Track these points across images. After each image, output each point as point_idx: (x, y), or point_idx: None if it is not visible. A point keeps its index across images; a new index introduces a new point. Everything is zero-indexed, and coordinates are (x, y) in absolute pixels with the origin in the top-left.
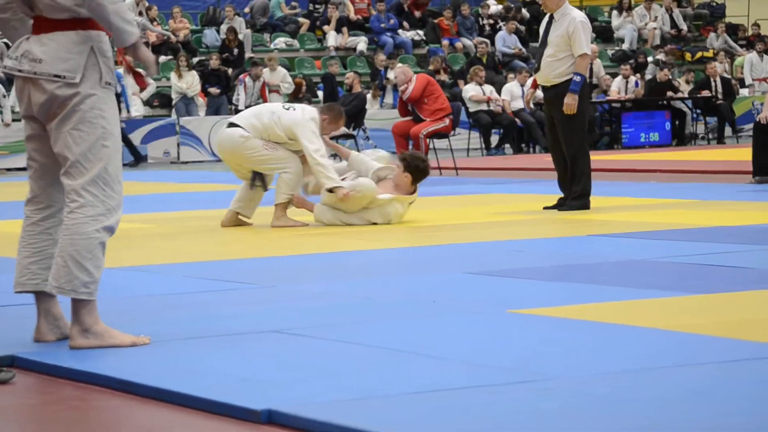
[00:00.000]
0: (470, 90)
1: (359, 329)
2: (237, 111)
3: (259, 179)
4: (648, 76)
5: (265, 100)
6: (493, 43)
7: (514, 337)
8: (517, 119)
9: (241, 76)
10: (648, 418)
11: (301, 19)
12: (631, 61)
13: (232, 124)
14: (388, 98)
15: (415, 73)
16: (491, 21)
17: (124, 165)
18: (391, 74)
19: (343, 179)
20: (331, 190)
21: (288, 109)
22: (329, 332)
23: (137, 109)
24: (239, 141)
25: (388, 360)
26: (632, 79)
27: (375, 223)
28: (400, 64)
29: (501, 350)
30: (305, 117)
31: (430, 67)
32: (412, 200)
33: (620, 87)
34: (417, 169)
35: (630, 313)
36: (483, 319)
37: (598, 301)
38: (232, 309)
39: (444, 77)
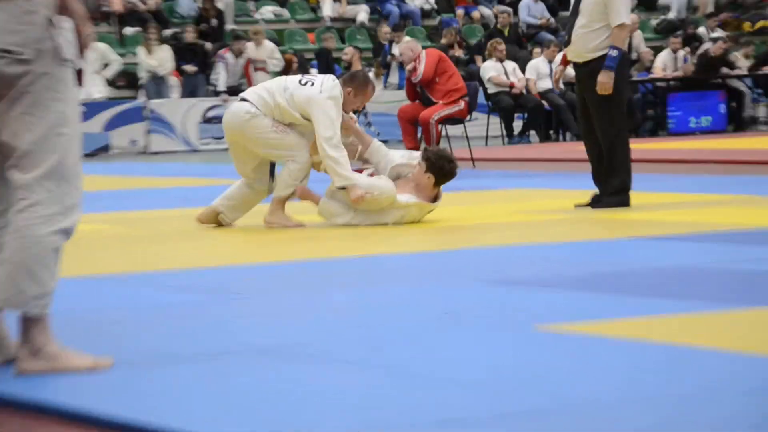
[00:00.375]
0: (489, 69)
1: (360, 348)
2: (216, 93)
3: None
4: (699, 50)
5: (248, 81)
6: (516, 12)
7: (544, 358)
8: (544, 102)
9: (221, 52)
10: None
11: None
12: (679, 32)
13: (242, 99)
14: (393, 77)
15: (424, 48)
16: None
17: (85, 155)
18: (396, 49)
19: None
20: (343, 188)
21: (305, 84)
22: (324, 352)
23: (98, 90)
24: (244, 118)
25: (395, 385)
26: (680, 53)
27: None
28: (407, 38)
29: (528, 373)
30: (324, 95)
31: (443, 41)
32: (432, 209)
33: (666, 63)
34: (441, 171)
35: (679, 330)
36: (506, 337)
37: (640, 315)
38: (208, 325)
39: (458, 53)
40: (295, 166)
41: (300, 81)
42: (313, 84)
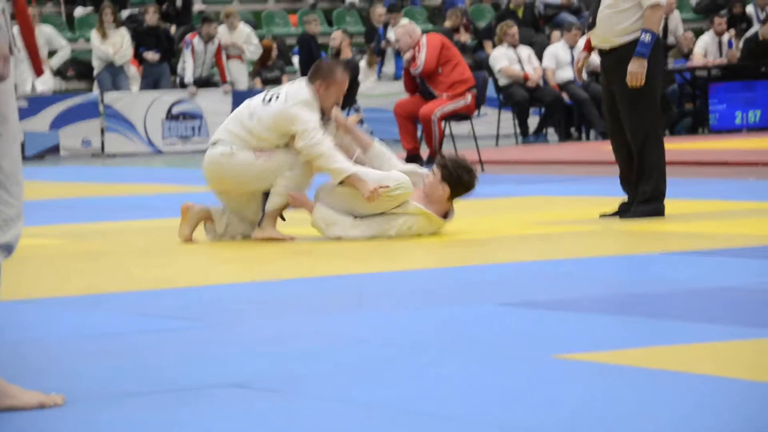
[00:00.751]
0: (500, 57)
1: (352, 382)
2: (183, 84)
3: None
4: (747, 34)
5: (221, 72)
6: None
7: (563, 392)
8: (564, 94)
9: (187, 37)
10: None
11: None
12: (723, 12)
13: (213, 144)
14: (389, 67)
15: (424, 32)
16: None
17: (29, 158)
18: (391, 34)
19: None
20: (345, 183)
21: (270, 100)
22: (311, 387)
23: (44, 82)
24: (222, 162)
25: (393, 423)
26: (725, 37)
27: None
28: (405, 20)
29: (544, 409)
30: (290, 103)
31: (447, 24)
32: (442, 226)
33: (708, 48)
34: (459, 182)
35: (719, 360)
36: (521, 367)
37: (674, 343)
38: (177, 356)
39: (465, 38)
40: (291, 174)
41: (264, 99)
42: (278, 97)
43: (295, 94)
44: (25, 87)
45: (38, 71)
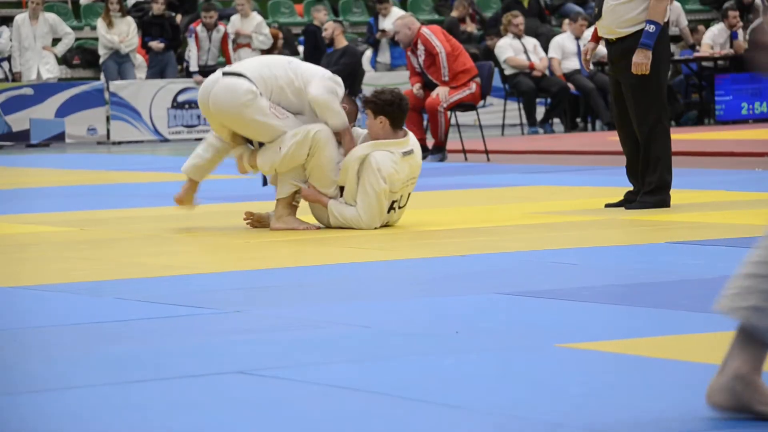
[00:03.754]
0: (506, 48)
1: (355, 370)
2: (189, 73)
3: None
4: (753, 24)
5: (227, 57)
6: None
7: (565, 381)
8: (570, 84)
9: (192, 25)
10: None
11: None
12: (730, 3)
13: (232, 74)
14: (383, 57)
15: (425, 23)
16: None
17: (36, 145)
18: (386, 24)
19: None
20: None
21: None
22: (314, 374)
23: (49, 70)
24: (243, 97)
25: (395, 412)
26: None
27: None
28: (400, 11)
29: (547, 399)
30: (328, 75)
31: (453, 14)
32: (406, 146)
33: (715, 39)
34: (390, 104)
35: (723, 350)
36: (524, 356)
37: (677, 333)
38: (182, 343)
39: (471, 27)
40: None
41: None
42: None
43: (332, 76)
44: (30, 74)
45: None
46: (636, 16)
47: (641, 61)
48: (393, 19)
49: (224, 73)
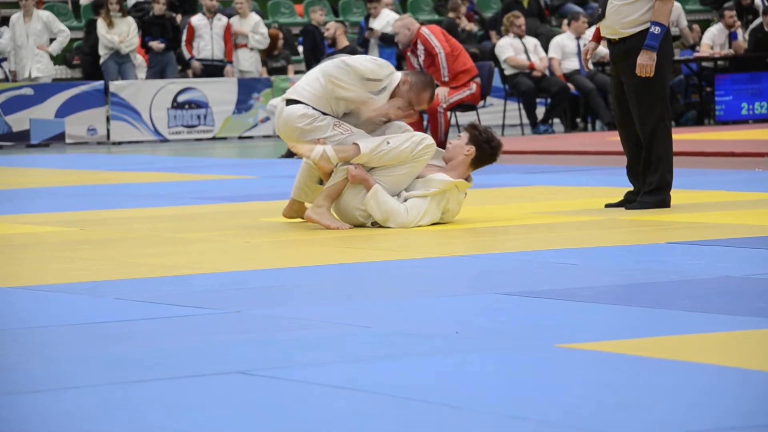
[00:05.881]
0: (506, 47)
1: (355, 370)
2: (185, 63)
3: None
4: (753, 24)
5: (228, 49)
6: None
7: (566, 381)
8: (570, 85)
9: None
10: None
11: None
12: (729, 3)
13: (289, 101)
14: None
15: (424, 23)
16: None
17: (36, 145)
18: (376, 24)
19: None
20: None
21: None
22: (316, 374)
23: (40, 69)
24: (299, 123)
25: (395, 412)
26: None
27: (375, 223)
28: (391, 12)
29: (548, 398)
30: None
31: (450, 14)
32: (468, 187)
33: (715, 40)
34: (488, 144)
35: (724, 350)
36: (524, 356)
37: (678, 333)
38: (182, 343)
39: (470, 27)
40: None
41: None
42: None
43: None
44: (23, 73)
45: None
46: (640, 16)
47: (646, 62)
48: (383, 19)
49: (284, 100)
